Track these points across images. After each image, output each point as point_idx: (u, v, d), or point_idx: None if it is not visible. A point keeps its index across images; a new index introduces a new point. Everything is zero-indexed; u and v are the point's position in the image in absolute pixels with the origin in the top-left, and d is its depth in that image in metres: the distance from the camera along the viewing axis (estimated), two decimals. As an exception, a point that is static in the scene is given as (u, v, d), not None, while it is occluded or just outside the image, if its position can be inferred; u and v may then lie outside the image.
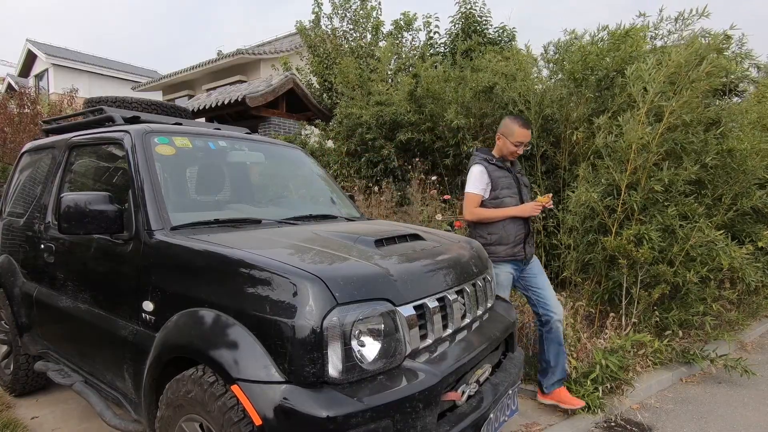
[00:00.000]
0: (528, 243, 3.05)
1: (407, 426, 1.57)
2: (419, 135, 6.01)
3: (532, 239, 3.12)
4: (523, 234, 3.03)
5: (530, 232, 3.08)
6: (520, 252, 3.00)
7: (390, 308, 1.68)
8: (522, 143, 3.01)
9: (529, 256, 3.08)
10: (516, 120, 3.03)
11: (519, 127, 2.99)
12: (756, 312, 5.05)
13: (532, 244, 3.12)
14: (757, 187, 3.92)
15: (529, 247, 3.06)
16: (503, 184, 3.03)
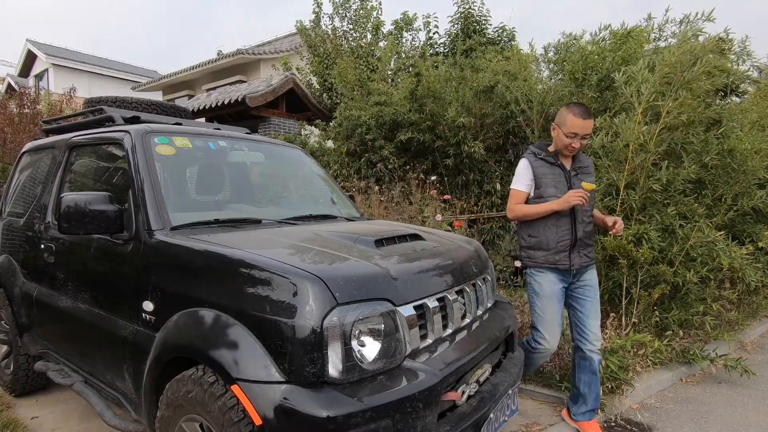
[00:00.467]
0: (577, 251, 2.66)
1: (407, 426, 1.57)
2: (419, 135, 6.01)
3: (585, 248, 2.70)
4: (569, 240, 2.65)
5: (580, 239, 2.66)
6: (563, 261, 2.65)
7: (390, 308, 1.68)
8: (576, 135, 2.55)
9: (577, 267, 2.68)
10: (571, 108, 2.60)
11: (573, 115, 2.55)
12: (756, 312, 5.05)
13: (585, 254, 2.70)
14: (757, 187, 3.93)
15: (578, 257, 2.66)
16: (549, 182, 2.66)
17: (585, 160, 2.79)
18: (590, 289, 2.76)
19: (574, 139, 2.56)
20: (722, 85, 3.93)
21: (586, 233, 2.70)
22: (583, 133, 2.56)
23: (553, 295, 2.68)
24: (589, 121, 2.54)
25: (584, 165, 2.75)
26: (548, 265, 2.67)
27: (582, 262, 2.69)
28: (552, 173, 2.67)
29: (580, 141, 2.56)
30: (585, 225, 2.69)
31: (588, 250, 2.73)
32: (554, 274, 2.69)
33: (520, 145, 5.62)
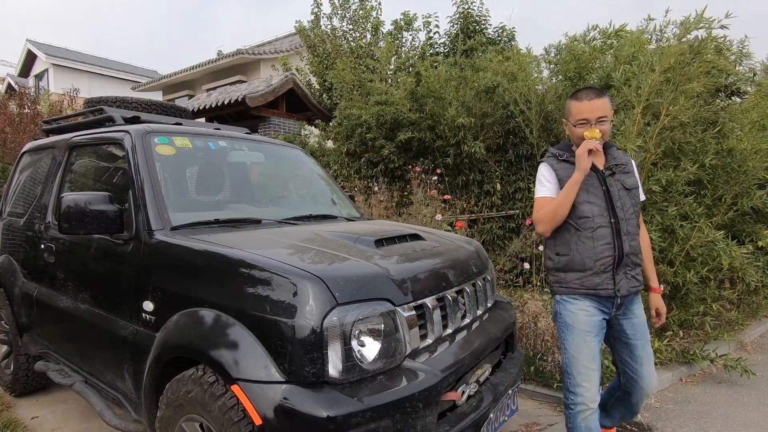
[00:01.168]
0: (624, 272, 2.07)
1: (407, 426, 1.57)
2: (420, 134, 6.01)
3: (634, 268, 2.11)
4: (612, 257, 2.05)
5: (627, 255, 2.06)
6: (606, 284, 2.05)
7: (390, 308, 1.68)
8: (587, 121, 2.07)
9: (624, 293, 2.07)
10: (573, 95, 2.18)
11: (576, 101, 2.12)
12: (756, 312, 5.05)
13: (633, 276, 2.10)
14: (757, 187, 3.93)
15: (625, 279, 2.07)
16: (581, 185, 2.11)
17: (621, 156, 2.22)
18: (640, 327, 2.17)
19: (584, 126, 2.09)
20: (721, 85, 3.93)
21: (633, 248, 2.08)
22: (596, 117, 2.05)
23: (591, 329, 2.09)
24: (597, 100, 2.07)
25: (621, 162, 2.18)
26: (585, 290, 2.07)
27: (630, 287, 2.08)
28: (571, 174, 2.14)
29: (594, 127, 2.06)
30: (631, 237, 2.08)
31: (636, 271, 2.12)
32: (590, 301, 2.10)
33: (520, 145, 5.62)
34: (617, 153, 2.24)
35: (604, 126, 2.07)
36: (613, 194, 2.10)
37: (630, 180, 2.17)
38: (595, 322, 2.12)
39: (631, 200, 2.13)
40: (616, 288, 2.06)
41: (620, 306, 2.13)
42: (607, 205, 2.08)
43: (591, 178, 2.12)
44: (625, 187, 2.13)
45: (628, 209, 2.10)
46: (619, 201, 2.10)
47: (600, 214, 2.07)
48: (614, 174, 2.15)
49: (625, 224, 2.09)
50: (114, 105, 3.35)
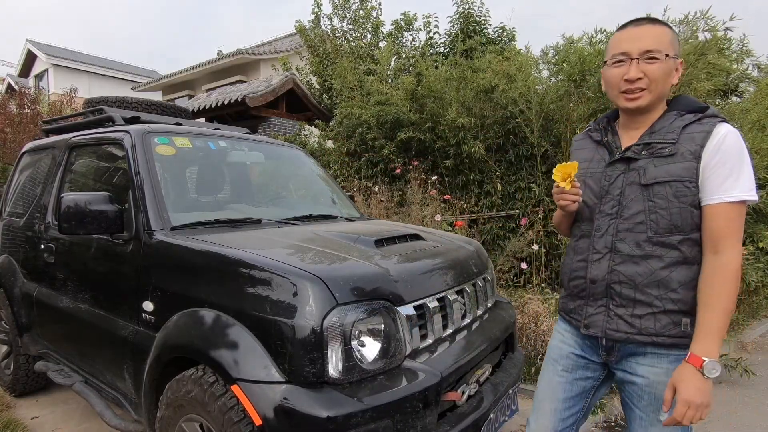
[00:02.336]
0: (604, 305, 1.41)
1: (407, 426, 1.57)
2: (420, 134, 6.02)
3: (623, 302, 1.38)
4: (583, 279, 1.46)
5: (610, 284, 1.39)
6: (575, 313, 1.51)
7: (390, 308, 1.68)
8: (627, 55, 1.34)
9: (597, 333, 1.44)
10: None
11: (619, 31, 1.40)
12: (756, 312, 5.05)
13: (622, 315, 1.38)
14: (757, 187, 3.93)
15: (603, 316, 1.42)
16: (580, 174, 1.48)
17: (672, 125, 1.33)
18: (644, 396, 1.40)
19: (624, 66, 1.35)
20: (722, 84, 3.93)
21: (623, 275, 1.37)
22: (642, 49, 1.31)
23: (558, 359, 1.58)
24: (645, 27, 1.34)
25: (663, 141, 1.33)
26: (562, 313, 1.61)
27: (611, 329, 1.40)
28: (589, 159, 1.50)
29: (640, 67, 1.31)
30: (623, 258, 1.37)
31: (638, 311, 1.35)
32: (566, 326, 1.59)
33: (520, 145, 5.62)
34: (669, 120, 1.35)
35: (652, 63, 1.30)
36: (610, 191, 1.40)
37: (659, 170, 1.31)
38: (567, 352, 1.56)
39: (648, 203, 1.33)
40: (584, 323, 1.46)
41: (611, 350, 1.44)
42: (599, 205, 1.45)
43: (598, 164, 1.47)
44: (640, 182, 1.34)
45: (632, 216, 1.36)
46: (613, 201, 1.39)
47: (588, 218, 1.47)
48: (636, 159, 1.36)
49: (612, 237, 1.38)
50: (114, 105, 3.35)
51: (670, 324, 1.32)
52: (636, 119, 1.41)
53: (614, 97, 1.41)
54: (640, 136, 1.39)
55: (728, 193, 1.25)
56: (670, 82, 1.34)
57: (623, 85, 1.35)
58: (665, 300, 1.31)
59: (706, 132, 1.28)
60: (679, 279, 1.30)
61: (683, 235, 1.30)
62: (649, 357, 1.37)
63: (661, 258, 1.32)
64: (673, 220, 1.30)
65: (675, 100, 1.40)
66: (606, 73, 1.42)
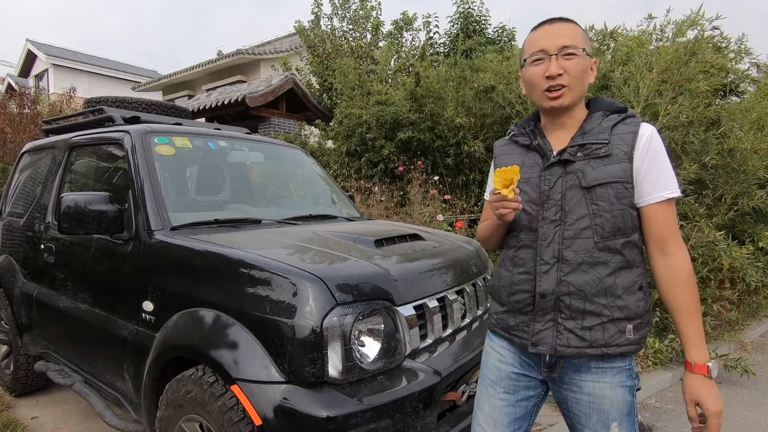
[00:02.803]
0: (553, 319, 1.29)
1: (407, 426, 1.57)
2: (419, 134, 6.02)
3: (574, 315, 1.27)
4: (529, 294, 1.33)
5: (560, 297, 1.28)
6: (520, 330, 1.35)
7: (390, 308, 1.68)
8: (545, 53, 1.28)
9: (546, 350, 1.30)
10: None
11: (533, 31, 1.37)
12: (756, 312, 5.05)
13: (573, 329, 1.27)
14: (757, 187, 3.93)
15: (553, 331, 1.29)
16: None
17: (601, 126, 1.30)
18: (592, 412, 1.32)
19: (543, 63, 1.29)
20: (721, 84, 3.93)
21: (575, 285, 1.27)
22: (559, 45, 1.27)
23: (498, 380, 1.43)
24: (558, 24, 1.32)
25: (596, 141, 1.28)
26: (501, 330, 1.43)
27: (560, 345, 1.28)
28: (520, 163, 1.37)
29: (561, 63, 1.27)
30: (574, 267, 1.27)
31: (589, 323, 1.26)
32: (509, 345, 1.43)
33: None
34: (597, 122, 1.31)
35: (570, 59, 1.27)
36: (551, 195, 1.29)
37: (598, 171, 1.25)
38: (506, 372, 1.41)
39: (592, 206, 1.25)
40: (531, 341, 1.31)
41: (553, 366, 1.33)
42: (540, 211, 1.32)
43: (532, 169, 1.36)
44: (581, 185, 1.26)
45: (576, 221, 1.26)
46: (556, 206, 1.29)
47: (528, 226, 1.34)
48: (571, 162, 1.29)
49: (559, 246, 1.28)
50: (114, 105, 3.35)
51: (617, 333, 1.26)
52: (560, 120, 1.35)
53: (537, 98, 1.34)
54: (572, 137, 1.32)
55: (666, 190, 1.25)
56: (588, 80, 1.32)
57: (545, 83, 1.28)
58: (612, 308, 1.25)
59: (633, 132, 1.27)
60: (623, 284, 1.26)
61: (625, 237, 1.26)
62: (593, 372, 1.30)
63: (607, 264, 1.25)
64: (617, 223, 1.25)
65: (595, 101, 1.38)
66: (526, 73, 1.35)
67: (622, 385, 1.29)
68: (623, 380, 1.30)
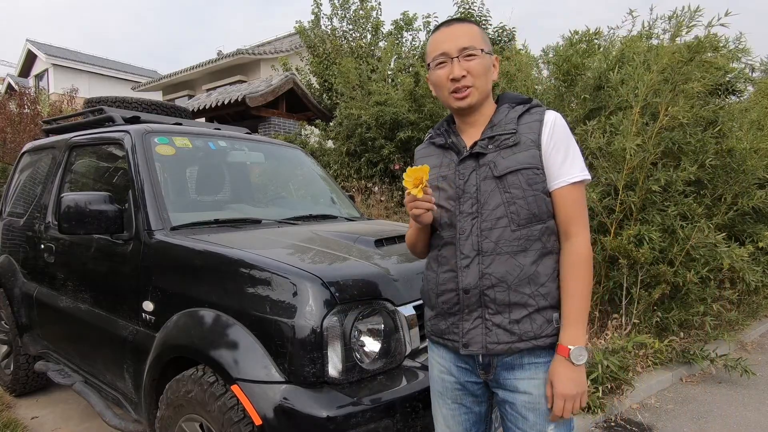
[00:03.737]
0: (481, 316, 1.27)
1: (407, 426, 1.57)
2: (419, 134, 6.02)
3: (499, 309, 1.25)
4: (455, 293, 1.30)
5: (483, 291, 1.25)
6: (450, 331, 1.32)
7: (390, 308, 1.69)
8: (447, 55, 1.30)
9: (477, 350, 1.27)
10: None
11: (433, 34, 1.40)
12: (756, 312, 5.05)
13: (499, 324, 1.25)
14: (757, 187, 3.93)
15: (482, 328, 1.27)
16: (431, 181, 1.33)
17: (508, 117, 1.33)
18: (528, 413, 1.28)
19: (447, 66, 1.31)
20: (716, 83, 3.92)
21: (496, 277, 1.25)
22: (459, 47, 1.29)
23: (444, 391, 1.41)
24: (455, 26, 1.34)
25: (504, 132, 1.30)
26: (434, 337, 1.40)
27: (491, 342, 1.26)
28: (438, 164, 1.39)
29: (462, 64, 1.29)
30: (492, 259, 1.26)
31: (514, 316, 1.25)
32: (448, 353, 1.38)
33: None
34: (504, 114, 1.34)
35: (471, 60, 1.29)
36: (466, 189, 1.30)
37: (508, 160, 1.27)
38: (450, 383, 1.38)
39: (505, 194, 1.26)
40: (462, 342, 1.29)
41: (488, 367, 1.30)
42: (457, 206, 1.31)
43: (448, 167, 1.36)
44: (494, 175, 1.27)
45: (491, 211, 1.26)
46: (471, 199, 1.29)
47: (448, 223, 1.32)
48: (483, 154, 1.30)
49: (477, 238, 1.26)
50: (114, 105, 3.35)
51: (545, 323, 1.25)
52: (471, 118, 1.37)
53: (445, 99, 1.36)
54: (482, 131, 1.33)
55: (569, 174, 1.26)
56: (491, 77, 1.35)
57: (451, 85, 1.31)
58: (537, 297, 1.24)
59: (538, 120, 1.29)
60: (545, 272, 1.26)
61: (542, 223, 1.26)
62: (527, 369, 1.27)
63: (527, 252, 1.25)
64: (531, 209, 1.25)
65: (502, 96, 1.42)
66: (432, 76, 1.37)
67: None
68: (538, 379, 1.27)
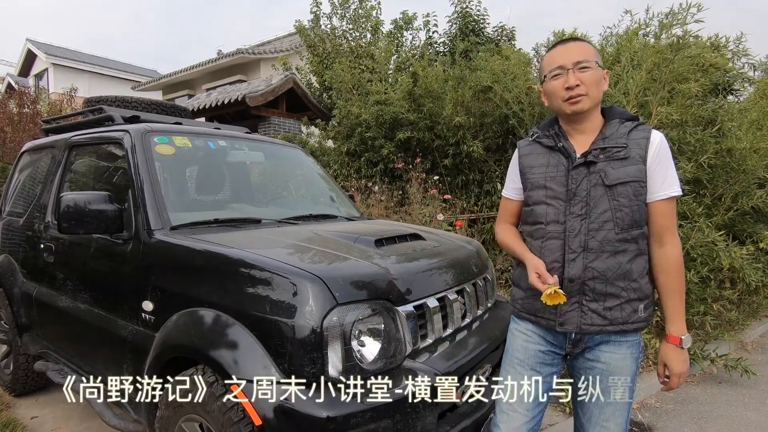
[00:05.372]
0: (579, 301, 1.49)
1: (407, 426, 1.57)
2: (418, 134, 6.01)
3: (601, 299, 1.48)
4: (560, 277, 1.50)
5: (585, 281, 1.47)
6: (546, 312, 1.55)
7: (390, 308, 1.68)
8: (563, 68, 1.48)
9: (572, 328, 1.51)
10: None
11: (549, 51, 1.57)
12: (756, 312, 5.05)
13: (596, 310, 1.48)
14: (756, 187, 3.92)
15: (579, 312, 1.49)
16: (538, 179, 1.57)
17: (618, 133, 1.48)
18: (607, 381, 1.53)
19: (562, 77, 1.49)
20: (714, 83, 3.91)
21: (597, 271, 1.46)
22: (573, 61, 1.47)
23: (526, 358, 1.61)
24: (571, 43, 1.52)
25: (614, 145, 1.46)
26: (526, 314, 1.62)
27: (585, 324, 1.49)
28: (545, 164, 1.56)
29: (576, 75, 1.46)
30: (596, 255, 1.47)
31: (609, 304, 1.47)
32: (536, 326, 1.61)
33: (520, 144, 5.61)
34: (615, 128, 1.50)
35: (586, 72, 1.46)
36: (578, 193, 1.48)
37: (619, 171, 1.44)
38: (534, 350, 1.59)
39: (613, 202, 1.45)
40: (558, 321, 1.51)
41: (577, 343, 1.54)
42: (567, 207, 1.50)
43: (557, 168, 1.54)
44: (604, 183, 1.45)
45: (599, 215, 1.45)
46: (582, 202, 1.47)
47: (555, 220, 1.52)
48: (595, 162, 1.47)
49: (585, 236, 1.46)
50: (114, 104, 3.35)
51: (632, 311, 1.49)
52: (580, 124, 1.53)
53: (558, 106, 1.53)
54: (593, 141, 1.50)
55: (670, 189, 1.47)
56: (602, 88, 1.51)
57: (565, 93, 1.48)
58: (629, 290, 1.48)
59: (645, 138, 1.47)
60: (638, 270, 1.48)
61: (639, 229, 1.47)
62: (612, 344, 1.53)
63: (626, 252, 1.47)
64: (634, 216, 1.46)
65: (609, 110, 1.57)
66: (547, 87, 1.54)
67: (632, 356, 1.53)
68: (633, 352, 1.54)
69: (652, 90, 3.49)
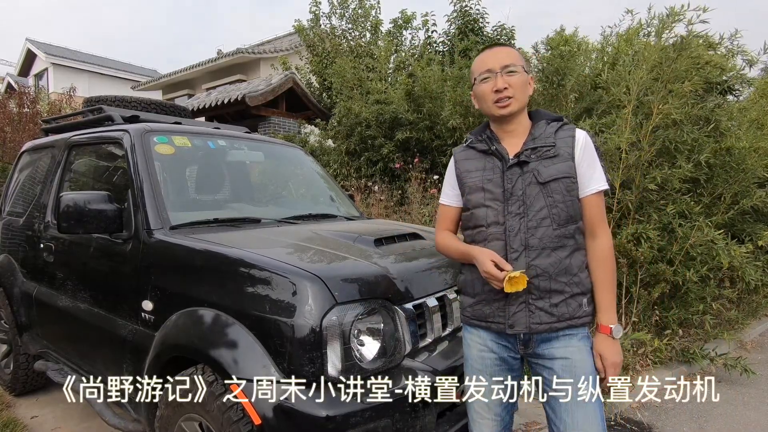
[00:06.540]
0: (525, 301, 1.50)
1: (406, 425, 1.57)
2: (418, 134, 6.01)
3: (540, 295, 1.49)
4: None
5: (529, 280, 1.46)
6: (496, 316, 1.54)
7: (389, 307, 1.68)
8: (491, 71, 1.53)
9: (521, 329, 1.50)
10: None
11: (479, 56, 1.63)
12: (756, 311, 5.05)
13: (541, 308, 1.49)
14: (756, 186, 3.92)
15: (525, 313, 1.50)
16: (475, 183, 1.58)
17: (546, 133, 1.55)
18: (568, 375, 1.50)
19: (490, 80, 1.53)
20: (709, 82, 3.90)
21: (539, 269, 1.48)
22: (501, 65, 1.52)
23: (484, 368, 1.60)
24: (498, 48, 1.58)
25: (543, 144, 1.52)
26: (476, 321, 1.59)
27: (534, 323, 1.49)
28: (481, 167, 1.59)
29: (504, 78, 1.51)
30: (538, 252, 1.49)
31: (554, 301, 1.49)
32: (488, 333, 1.58)
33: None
34: (542, 129, 1.56)
35: (513, 76, 1.51)
36: (514, 192, 1.51)
37: (550, 169, 1.49)
38: (490, 359, 1.58)
39: (548, 198, 1.48)
40: (508, 323, 1.51)
41: (528, 343, 1.52)
42: (505, 207, 1.52)
43: (492, 171, 1.56)
44: (538, 181, 1.49)
45: (536, 212, 1.48)
46: (518, 201, 1.50)
47: (495, 221, 1.53)
48: (527, 162, 1.51)
49: (524, 235, 1.48)
50: (113, 104, 3.34)
51: (578, 306, 1.51)
52: (509, 127, 1.58)
53: (488, 108, 1.57)
54: (524, 142, 1.55)
55: (598, 184, 1.52)
56: (528, 92, 1.57)
57: (494, 96, 1.53)
58: (572, 285, 1.50)
59: (571, 136, 1.53)
60: (577, 264, 1.51)
61: (575, 224, 1.51)
62: (561, 339, 1.51)
63: (564, 247, 1.50)
64: (569, 212, 1.49)
65: (536, 113, 1.63)
66: (477, 90, 1.59)
67: (585, 348, 1.52)
68: (586, 344, 1.53)
69: (652, 89, 3.49)
